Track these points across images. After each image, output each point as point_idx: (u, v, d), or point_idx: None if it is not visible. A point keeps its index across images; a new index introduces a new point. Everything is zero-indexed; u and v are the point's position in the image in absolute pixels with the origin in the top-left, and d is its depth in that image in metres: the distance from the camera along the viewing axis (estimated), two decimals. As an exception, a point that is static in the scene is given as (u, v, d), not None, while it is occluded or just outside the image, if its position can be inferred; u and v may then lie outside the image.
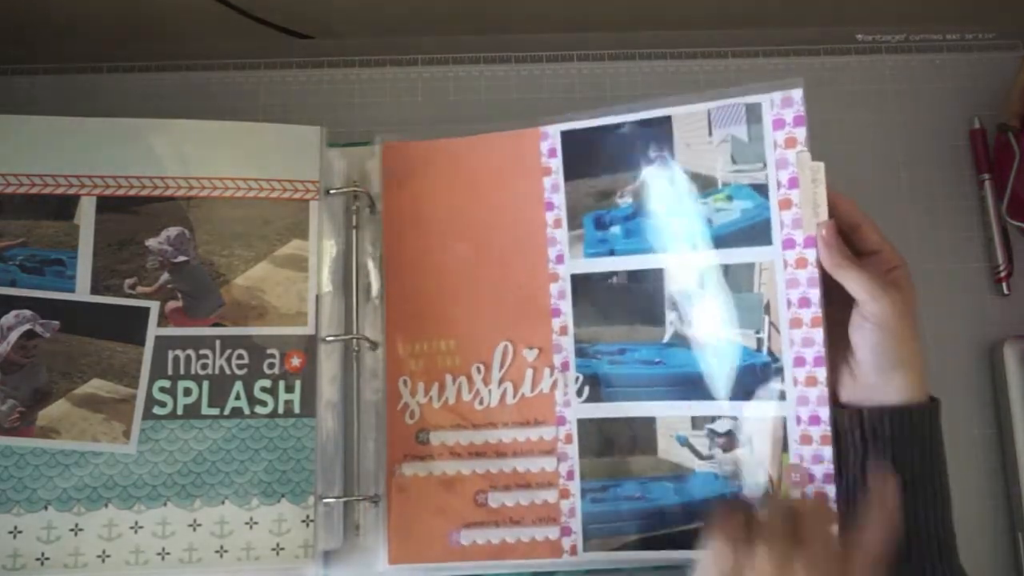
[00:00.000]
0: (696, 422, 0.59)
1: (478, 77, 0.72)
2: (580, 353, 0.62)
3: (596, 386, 0.61)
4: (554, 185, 0.63)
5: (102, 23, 0.78)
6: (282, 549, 0.59)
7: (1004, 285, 0.67)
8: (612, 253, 0.61)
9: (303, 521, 0.60)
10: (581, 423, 0.61)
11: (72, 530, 0.59)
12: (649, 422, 0.60)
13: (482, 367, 0.63)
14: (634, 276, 0.61)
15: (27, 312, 0.61)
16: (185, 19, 0.79)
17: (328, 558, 0.61)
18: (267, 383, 0.62)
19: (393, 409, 0.63)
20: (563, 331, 0.62)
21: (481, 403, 0.62)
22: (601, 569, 0.61)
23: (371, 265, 0.65)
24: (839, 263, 0.54)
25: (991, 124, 0.69)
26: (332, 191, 0.66)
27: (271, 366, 0.62)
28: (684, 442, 0.59)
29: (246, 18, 0.78)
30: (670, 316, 0.60)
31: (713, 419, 0.58)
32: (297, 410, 0.62)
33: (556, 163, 0.63)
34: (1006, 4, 0.74)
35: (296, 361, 0.62)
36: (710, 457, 0.58)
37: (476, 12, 0.79)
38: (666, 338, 0.60)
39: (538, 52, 0.73)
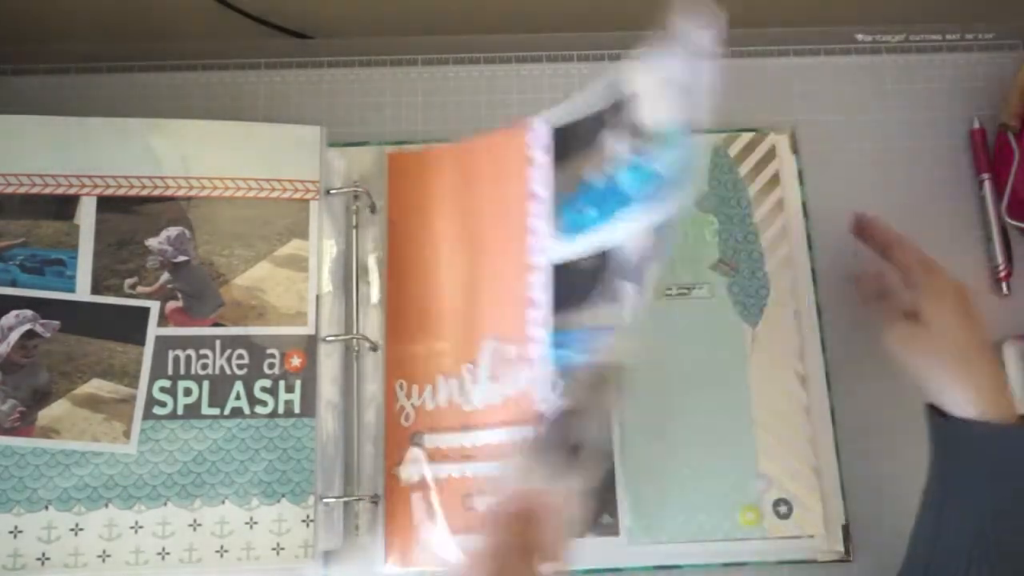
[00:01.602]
0: None
1: (478, 77, 0.72)
2: (558, 344, 0.58)
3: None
4: (540, 176, 0.61)
5: (102, 23, 0.78)
6: (282, 549, 0.59)
7: (1004, 285, 0.67)
8: (585, 231, 0.57)
9: (303, 521, 0.60)
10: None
11: (72, 530, 0.59)
12: None
13: (471, 366, 0.62)
14: (602, 256, 0.56)
15: (27, 312, 0.61)
16: (185, 19, 0.79)
17: (328, 558, 0.61)
18: (267, 383, 0.62)
19: (391, 412, 0.63)
20: (542, 323, 0.59)
21: (469, 404, 0.62)
22: (600, 569, 0.61)
23: (371, 265, 0.65)
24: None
25: (991, 124, 0.69)
26: (332, 191, 0.66)
27: (271, 366, 0.62)
28: None
29: (246, 18, 0.78)
30: (628, 289, 0.55)
31: None
32: (297, 410, 0.62)
33: (542, 155, 0.61)
34: (1006, 4, 0.74)
35: (296, 361, 0.62)
36: None
37: (476, 12, 0.79)
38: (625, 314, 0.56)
39: (538, 52, 0.73)
